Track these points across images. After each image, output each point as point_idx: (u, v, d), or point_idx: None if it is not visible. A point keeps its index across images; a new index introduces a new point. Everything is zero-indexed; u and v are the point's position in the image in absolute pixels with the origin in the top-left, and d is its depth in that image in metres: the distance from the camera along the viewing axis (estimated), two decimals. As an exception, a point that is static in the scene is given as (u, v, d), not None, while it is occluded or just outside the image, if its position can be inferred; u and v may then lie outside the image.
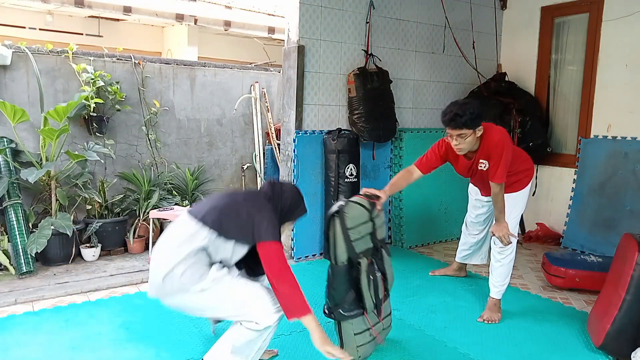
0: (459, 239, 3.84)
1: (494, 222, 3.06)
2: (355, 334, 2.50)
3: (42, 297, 3.32)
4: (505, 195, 3.06)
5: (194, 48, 8.01)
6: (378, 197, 2.71)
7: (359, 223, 2.52)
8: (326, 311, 2.54)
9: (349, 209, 2.51)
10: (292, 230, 4.26)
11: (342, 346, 2.52)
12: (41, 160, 3.92)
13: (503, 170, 2.84)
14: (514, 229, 3.08)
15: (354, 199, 2.64)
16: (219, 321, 2.60)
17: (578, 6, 4.77)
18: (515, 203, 3.11)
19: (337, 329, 2.55)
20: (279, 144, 4.69)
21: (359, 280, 2.47)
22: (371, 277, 2.50)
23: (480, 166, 2.97)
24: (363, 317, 2.51)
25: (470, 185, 3.54)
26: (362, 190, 2.76)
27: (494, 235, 3.02)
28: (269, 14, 8.02)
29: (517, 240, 3.20)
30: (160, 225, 4.57)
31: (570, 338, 2.88)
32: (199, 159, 5.03)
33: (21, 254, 3.68)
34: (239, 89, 5.19)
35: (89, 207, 4.27)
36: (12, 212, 3.78)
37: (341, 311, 2.47)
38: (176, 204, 4.53)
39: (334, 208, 2.54)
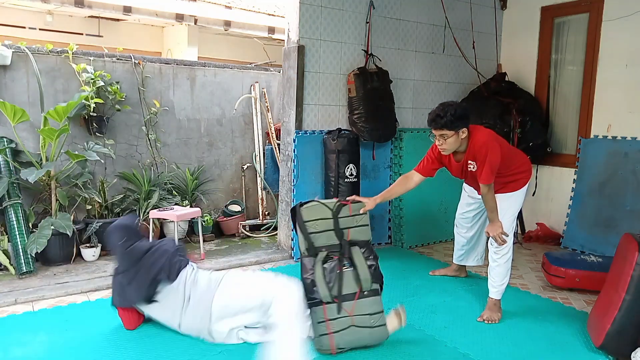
0: (457, 239, 3.85)
1: (488, 222, 3.07)
2: (317, 323, 2.60)
3: (42, 297, 3.32)
4: (501, 195, 3.08)
5: (194, 48, 8.00)
6: (359, 202, 2.86)
7: (315, 218, 2.72)
8: None
9: (306, 204, 2.78)
10: (292, 230, 4.26)
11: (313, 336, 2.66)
12: (41, 160, 3.92)
13: (488, 171, 2.88)
14: (509, 228, 3.07)
15: (319, 199, 2.88)
16: None
17: (578, 6, 4.78)
18: (511, 203, 3.12)
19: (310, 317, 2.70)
20: (279, 144, 4.69)
21: (314, 270, 2.63)
22: (332, 269, 2.64)
23: (469, 167, 3.04)
24: (321, 308, 2.59)
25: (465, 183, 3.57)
26: (349, 198, 2.94)
27: (488, 235, 3.04)
28: (269, 14, 8.02)
29: (517, 240, 3.20)
30: (161, 225, 4.58)
31: (570, 338, 2.88)
32: (199, 159, 5.03)
33: (21, 254, 3.68)
34: (239, 89, 5.19)
35: (89, 207, 4.27)
36: (12, 212, 3.78)
37: (306, 299, 2.62)
38: (176, 204, 4.54)
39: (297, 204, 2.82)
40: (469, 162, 3.02)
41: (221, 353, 2.59)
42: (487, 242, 3.40)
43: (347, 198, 2.90)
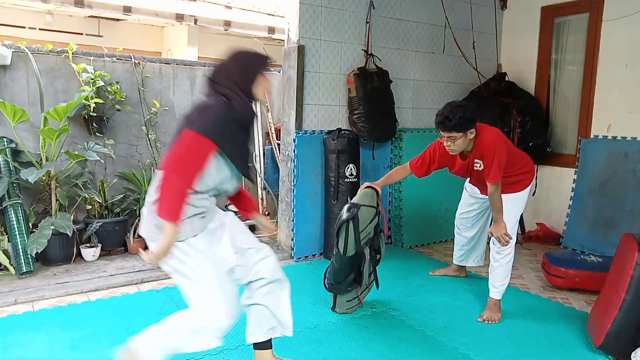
0: (457, 239, 3.85)
1: (493, 222, 3.07)
2: (347, 301, 3.14)
3: (42, 297, 3.32)
4: (505, 195, 3.07)
5: (194, 48, 8.01)
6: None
7: (368, 223, 3.00)
8: (327, 286, 3.11)
9: (361, 214, 2.94)
10: (292, 230, 4.26)
11: (333, 306, 3.15)
12: (41, 160, 3.92)
13: (497, 170, 2.87)
14: (512, 229, 3.07)
15: (362, 200, 3.01)
16: None
17: (578, 6, 4.78)
18: (515, 204, 3.11)
19: (332, 296, 3.16)
20: (279, 144, 4.69)
21: (362, 266, 3.05)
22: (370, 260, 3.14)
23: (476, 166, 3.02)
24: (355, 290, 3.13)
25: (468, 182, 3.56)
26: (363, 185, 3.13)
27: (492, 235, 3.04)
28: (269, 14, 8.03)
29: (517, 240, 3.21)
30: (160, 225, 4.57)
31: (570, 338, 2.88)
32: (199, 159, 5.02)
33: (21, 254, 3.68)
34: (239, 89, 5.18)
35: (89, 207, 4.27)
36: (12, 212, 3.78)
37: (341, 287, 3.06)
38: (176, 204, 4.52)
39: (348, 214, 2.93)
40: (476, 161, 2.99)
41: (221, 353, 2.59)
42: (488, 242, 3.41)
43: (365, 192, 3.10)
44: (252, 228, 5.06)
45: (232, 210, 2.40)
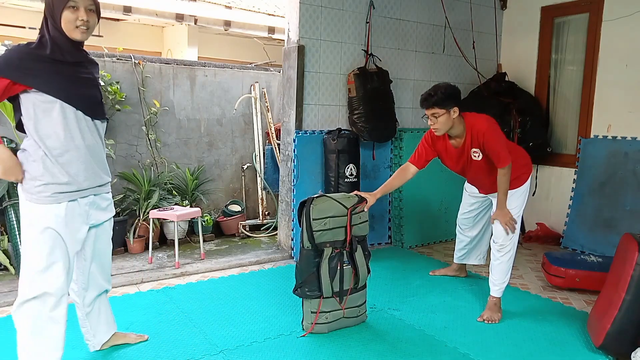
0: (457, 238, 3.85)
1: (496, 207, 3.06)
2: (312, 312, 2.83)
3: (42, 297, 3.31)
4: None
5: (194, 48, 8.01)
6: (364, 200, 2.91)
7: (326, 216, 2.75)
8: (295, 289, 2.84)
9: (318, 201, 2.77)
10: (292, 230, 4.26)
11: (303, 319, 2.88)
12: (41, 160, 3.91)
13: (505, 153, 2.91)
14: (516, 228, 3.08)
15: (335, 195, 2.87)
16: None
17: (578, 6, 4.78)
18: (515, 201, 3.11)
19: (302, 303, 2.87)
20: (279, 144, 4.69)
21: (320, 266, 2.76)
22: (334, 265, 2.78)
23: (474, 156, 3.01)
24: (318, 301, 2.80)
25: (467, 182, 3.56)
26: (351, 194, 2.98)
27: (494, 222, 3.03)
28: (269, 14, 8.04)
29: (517, 240, 3.20)
30: (161, 226, 4.58)
31: (570, 338, 2.88)
32: (199, 159, 5.03)
33: (21, 254, 3.68)
34: (239, 89, 5.19)
35: (89, 207, 4.27)
36: (12, 212, 3.77)
37: (303, 290, 2.79)
38: (176, 204, 4.53)
39: (305, 199, 2.82)
40: (473, 150, 3.00)
41: (221, 353, 2.59)
42: (489, 240, 3.41)
43: (349, 194, 2.95)
44: (258, 227, 5.07)
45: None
